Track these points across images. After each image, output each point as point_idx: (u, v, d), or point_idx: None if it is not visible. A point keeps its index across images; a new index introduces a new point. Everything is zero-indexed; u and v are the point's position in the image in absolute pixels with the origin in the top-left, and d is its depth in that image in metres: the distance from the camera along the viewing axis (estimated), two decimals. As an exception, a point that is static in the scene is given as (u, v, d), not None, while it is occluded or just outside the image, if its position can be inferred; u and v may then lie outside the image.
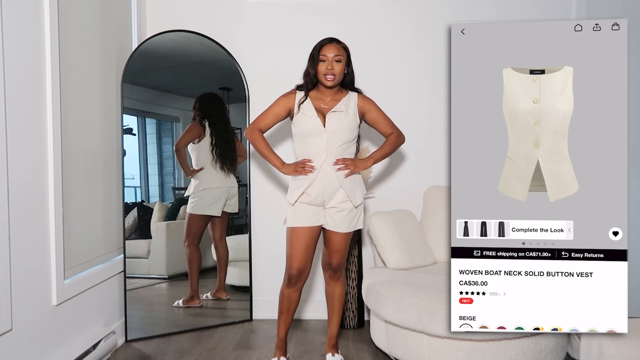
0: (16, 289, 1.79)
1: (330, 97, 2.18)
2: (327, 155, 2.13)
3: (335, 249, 2.22)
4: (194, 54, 2.91)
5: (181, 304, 2.91)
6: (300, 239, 2.16)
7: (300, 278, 2.20)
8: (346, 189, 2.14)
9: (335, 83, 2.14)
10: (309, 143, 2.15)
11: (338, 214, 2.16)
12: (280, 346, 2.30)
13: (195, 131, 2.89)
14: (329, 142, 2.12)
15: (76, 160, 2.25)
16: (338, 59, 2.11)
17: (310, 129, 2.14)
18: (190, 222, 2.91)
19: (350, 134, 2.16)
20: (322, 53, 2.11)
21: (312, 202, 2.15)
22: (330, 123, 2.13)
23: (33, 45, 1.93)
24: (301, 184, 2.15)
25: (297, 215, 2.16)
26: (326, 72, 2.10)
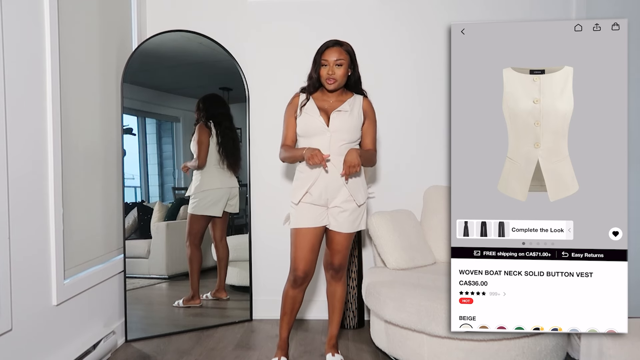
0: (16, 289, 1.79)
1: (334, 99, 2.19)
2: (330, 155, 2.12)
3: (337, 249, 2.22)
4: (194, 54, 2.91)
5: (181, 303, 2.91)
6: (305, 240, 2.15)
7: (305, 279, 2.20)
8: (349, 187, 2.14)
9: (336, 87, 2.14)
10: (312, 142, 2.14)
11: (341, 214, 2.16)
12: (281, 346, 2.30)
13: (206, 134, 2.89)
14: (332, 141, 2.12)
15: (76, 160, 2.25)
16: (339, 63, 2.11)
17: (313, 128, 2.14)
18: (192, 222, 2.91)
19: (354, 134, 2.16)
20: (323, 57, 2.12)
21: (315, 201, 2.15)
22: (334, 122, 2.13)
23: (33, 45, 1.93)
24: (304, 183, 2.15)
25: (301, 216, 2.16)
26: (327, 76, 2.11)
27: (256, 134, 3.02)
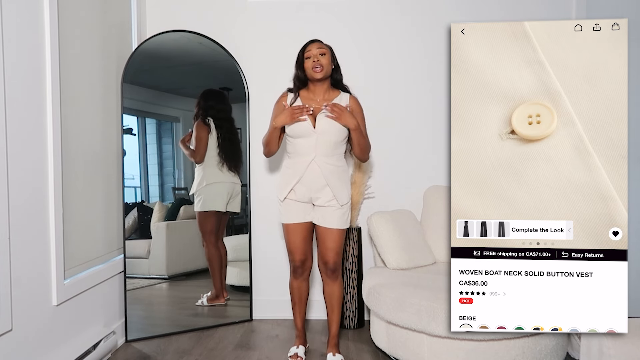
0: (16, 289, 1.79)
1: (321, 97, 2.22)
2: (315, 155, 2.17)
3: (329, 247, 2.24)
4: (194, 54, 2.91)
5: (205, 302, 2.92)
6: (296, 232, 2.25)
7: (304, 267, 2.31)
8: (332, 187, 2.18)
9: (324, 75, 2.18)
10: (299, 142, 2.19)
11: (327, 209, 2.21)
12: (299, 336, 2.43)
13: (205, 130, 2.88)
14: (318, 142, 2.16)
15: (76, 160, 2.25)
16: (322, 52, 2.19)
17: (300, 130, 2.17)
18: (201, 220, 2.91)
19: (340, 135, 2.19)
20: (306, 52, 2.21)
21: (300, 199, 2.22)
22: (320, 124, 2.16)
23: (33, 46, 1.93)
24: (289, 180, 2.21)
25: (288, 212, 2.25)
26: (313, 65, 2.17)
27: (256, 134, 3.01)
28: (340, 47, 2.95)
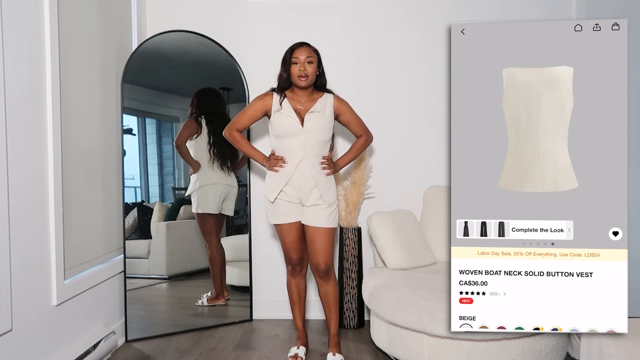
0: (16, 289, 1.80)
1: (305, 98, 2.25)
2: (304, 155, 2.19)
3: (319, 247, 2.25)
4: (194, 54, 2.91)
5: (206, 302, 2.93)
6: (289, 232, 2.28)
7: (301, 265, 2.35)
8: (320, 188, 2.21)
9: (308, 83, 2.20)
10: (287, 142, 2.21)
11: (314, 209, 2.23)
12: (300, 336, 2.44)
13: (192, 127, 2.88)
14: (307, 141, 2.19)
15: (76, 160, 2.25)
16: (310, 61, 2.19)
17: (288, 129, 2.19)
18: (199, 222, 2.92)
19: (326, 134, 2.23)
20: (294, 56, 2.20)
21: (290, 200, 2.24)
22: (309, 123, 2.19)
23: (33, 45, 1.93)
24: (278, 181, 2.23)
25: (279, 213, 2.27)
26: (299, 73, 2.17)
27: (256, 134, 3.02)
28: (340, 47, 2.96)
